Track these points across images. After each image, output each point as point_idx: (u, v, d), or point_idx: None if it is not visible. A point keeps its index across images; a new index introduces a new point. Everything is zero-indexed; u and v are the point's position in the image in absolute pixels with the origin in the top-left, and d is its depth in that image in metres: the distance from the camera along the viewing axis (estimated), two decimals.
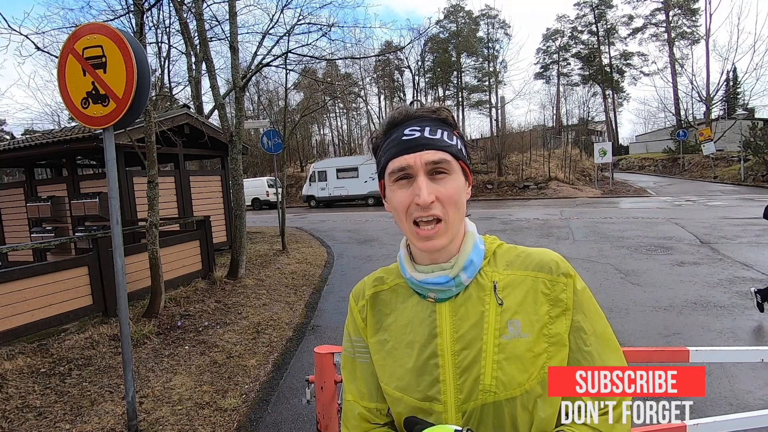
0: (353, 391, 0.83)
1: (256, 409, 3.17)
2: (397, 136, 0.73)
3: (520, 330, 0.71)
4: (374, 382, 0.81)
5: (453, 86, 39.74)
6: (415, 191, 0.69)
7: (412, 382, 0.74)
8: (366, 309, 0.83)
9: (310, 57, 9.51)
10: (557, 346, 0.71)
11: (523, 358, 0.70)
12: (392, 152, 0.72)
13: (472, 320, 0.72)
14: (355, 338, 0.85)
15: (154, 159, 4.88)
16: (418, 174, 0.70)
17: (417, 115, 0.74)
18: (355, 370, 0.84)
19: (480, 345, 0.71)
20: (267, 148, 9.01)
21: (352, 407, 0.83)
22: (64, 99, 2.72)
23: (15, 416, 3.05)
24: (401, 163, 0.71)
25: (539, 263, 0.75)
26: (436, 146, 0.71)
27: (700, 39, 33.01)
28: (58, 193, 8.05)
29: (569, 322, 0.73)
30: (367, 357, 0.82)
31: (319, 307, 5.53)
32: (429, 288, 0.74)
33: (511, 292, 0.73)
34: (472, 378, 0.70)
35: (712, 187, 19.36)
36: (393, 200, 0.73)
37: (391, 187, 0.73)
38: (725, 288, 5.16)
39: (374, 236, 10.55)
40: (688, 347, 1.35)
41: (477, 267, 0.75)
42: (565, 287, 0.73)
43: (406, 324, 0.77)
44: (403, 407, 0.75)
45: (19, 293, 4.27)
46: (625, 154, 36.81)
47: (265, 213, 20.74)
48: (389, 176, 0.73)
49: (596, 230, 9.59)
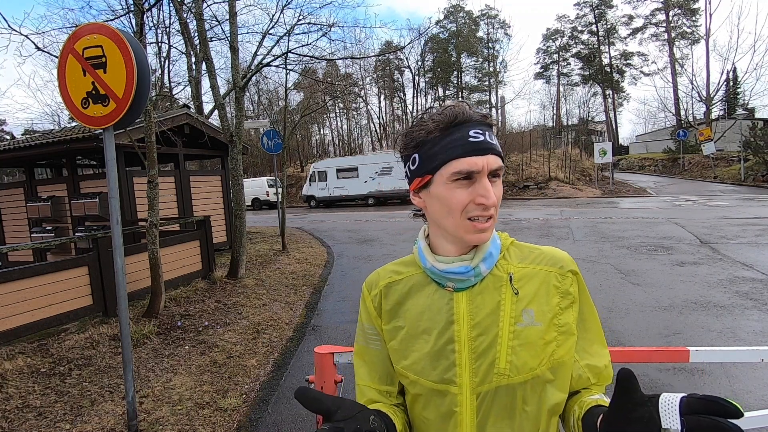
0: (364, 376, 0.87)
1: (256, 409, 3.17)
2: (462, 136, 0.73)
3: (534, 319, 0.76)
4: (385, 366, 0.85)
5: (453, 86, 39.77)
6: (479, 191, 0.73)
7: (428, 365, 0.78)
8: (379, 298, 0.86)
9: (310, 57, 9.50)
10: (566, 335, 0.77)
11: (535, 344, 0.74)
12: (457, 152, 0.72)
13: (489, 308, 0.77)
14: (368, 326, 0.88)
15: (154, 159, 4.88)
16: (482, 177, 0.73)
17: (477, 118, 0.75)
18: (366, 356, 0.88)
19: (496, 331, 0.75)
20: (267, 148, 9.01)
21: (363, 391, 0.87)
22: (64, 99, 2.72)
23: (15, 416, 3.05)
24: (469, 166, 0.72)
25: (551, 259, 0.81)
26: (496, 151, 0.74)
27: (700, 39, 33.05)
28: (58, 193, 8.05)
29: (576, 314, 0.79)
30: (379, 344, 0.86)
31: (319, 307, 5.53)
32: (449, 277, 0.78)
33: (525, 283, 0.78)
34: (487, 362, 0.75)
35: (712, 187, 19.36)
36: (450, 198, 0.74)
37: (447, 185, 0.74)
38: (725, 288, 5.16)
39: (374, 236, 10.55)
40: (688, 347, 1.34)
41: (495, 259, 0.79)
42: (572, 282, 0.80)
43: (422, 311, 0.81)
44: (419, 389, 0.79)
45: (19, 293, 4.27)
46: (625, 154, 36.81)
47: (265, 213, 20.74)
48: (451, 175, 0.73)
49: (596, 230, 9.59)
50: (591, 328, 0.82)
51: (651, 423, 0.56)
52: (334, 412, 0.66)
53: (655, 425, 0.55)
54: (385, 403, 0.85)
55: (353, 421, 0.65)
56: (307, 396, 0.66)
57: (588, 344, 0.81)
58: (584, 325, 0.81)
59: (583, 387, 0.80)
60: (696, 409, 0.53)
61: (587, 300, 0.82)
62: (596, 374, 0.80)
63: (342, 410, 0.66)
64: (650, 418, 0.56)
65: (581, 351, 0.80)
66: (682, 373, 3.25)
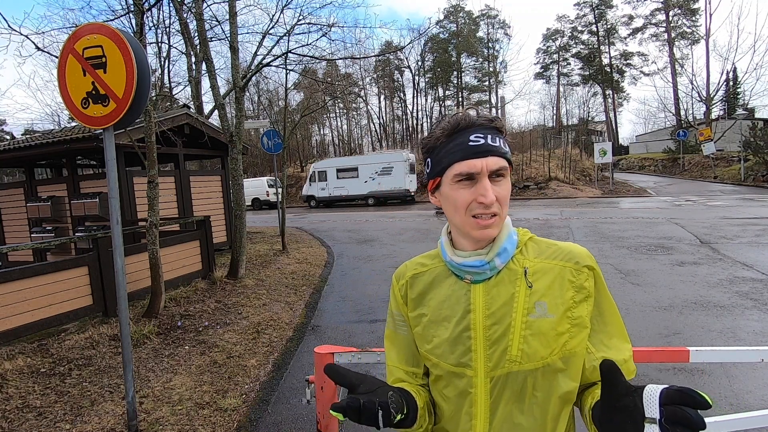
0: (393, 357, 0.96)
1: (256, 409, 3.17)
2: (463, 141, 0.80)
3: (546, 311, 0.80)
4: (410, 350, 0.94)
5: (453, 86, 39.77)
6: (479, 191, 0.79)
7: (447, 350, 0.84)
8: (405, 288, 0.94)
9: (310, 57, 9.50)
10: (578, 327, 0.81)
11: (547, 335, 0.79)
12: (458, 155, 0.80)
13: (503, 299, 0.82)
14: (396, 312, 0.97)
15: (154, 159, 4.88)
16: (483, 177, 0.79)
17: (479, 123, 0.82)
18: (395, 340, 0.97)
19: (509, 321, 0.81)
20: (267, 148, 9.01)
21: (392, 371, 0.96)
22: (64, 99, 2.72)
23: (15, 416, 3.05)
24: (469, 168, 0.79)
25: (568, 254, 0.85)
26: (497, 153, 0.80)
27: (700, 39, 33.03)
28: (58, 193, 8.05)
29: (590, 308, 0.83)
30: (406, 329, 0.94)
31: (319, 307, 5.53)
32: (466, 270, 0.84)
33: (540, 277, 0.83)
34: (500, 349, 0.80)
35: (712, 187, 19.35)
36: (455, 197, 0.81)
37: (452, 186, 0.82)
38: (725, 288, 5.16)
39: (374, 236, 10.55)
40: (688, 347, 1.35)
41: (510, 254, 0.84)
42: (588, 277, 0.83)
43: (443, 301, 0.88)
44: (440, 370, 0.87)
45: (19, 293, 4.27)
46: (625, 154, 36.80)
47: (265, 213, 20.73)
48: (453, 177, 0.81)
49: (596, 230, 9.59)
50: (610, 322, 0.85)
51: (635, 412, 0.61)
52: (357, 386, 0.74)
53: (639, 414, 0.61)
54: (411, 383, 0.92)
55: (373, 394, 0.73)
56: (334, 370, 0.76)
57: (606, 338, 0.84)
58: (602, 319, 0.84)
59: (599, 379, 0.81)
60: (674, 399, 0.58)
61: (606, 295, 0.85)
62: None
63: (364, 385, 0.75)
64: (635, 407, 0.62)
65: (599, 344, 0.83)
66: (682, 373, 3.24)
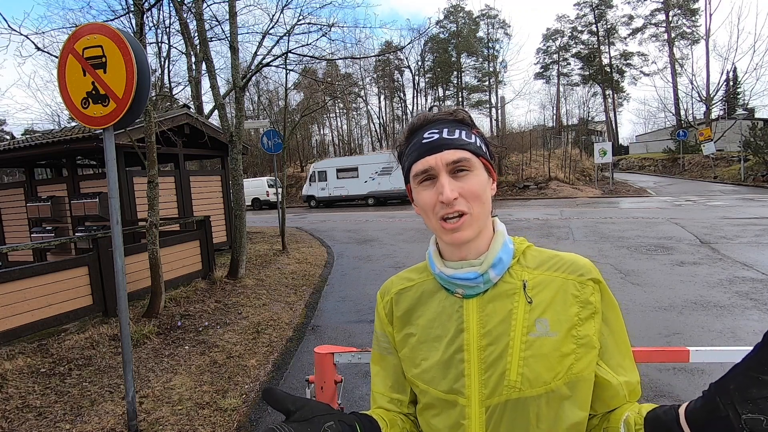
0: (378, 383, 0.87)
1: (256, 409, 3.17)
2: (418, 140, 0.76)
3: (549, 328, 0.71)
4: (396, 375, 0.84)
5: (453, 86, 39.76)
6: (438, 189, 0.72)
7: (437, 375, 0.76)
8: (390, 305, 0.86)
9: (310, 57, 9.50)
10: (586, 348, 0.71)
11: (550, 356, 0.70)
12: (414, 156, 0.75)
13: (500, 317, 0.73)
14: (380, 333, 0.88)
15: (154, 159, 4.88)
16: (440, 173, 0.72)
17: (435, 118, 0.77)
18: (381, 364, 0.88)
19: (507, 341, 0.72)
20: (267, 148, 9.01)
21: (375, 398, 0.87)
22: (64, 99, 2.72)
23: (15, 416, 3.05)
24: (423, 165, 0.74)
25: (571, 266, 0.77)
26: (454, 145, 0.73)
27: (700, 39, 33.03)
28: (58, 193, 8.05)
29: (598, 326, 0.73)
30: (390, 350, 0.85)
31: (319, 307, 5.53)
32: (457, 284, 0.76)
33: (540, 291, 0.74)
34: (497, 373, 0.71)
35: (712, 187, 19.35)
36: (420, 200, 0.76)
37: (416, 189, 0.76)
38: (725, 288, 5.16)
39: (374, 236, 10.55)
40: (688, 347, 1.34)
41: (506, 265, 0.76)
42: (593, 291, 0.74)
43: (432, 319, 0.79)
44: (429, 398, 0.77)
45: (19, 293, 4.27)
46: (625, 154, 36.80)
47: (265, 213, 20.74)
48: (414, 179, 0.76)
49: (596, 230, 9.59)
50: (622, 341, 0.76)
51: None
52: (293, 412, 0.64)
53: None
54: (394, 411, 0.83)
55: (306, 424, 0.63)
56: (271, 395, 0.65)
57: (621, 359, 0.75)
58: (615, 338, 0.75)
59: (619, 405, 0.74)
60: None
61: (615, 311, 0.76)
62: (630, 391, 0.74)
63: (301, 412, 0.64)
64: None
65: (617, 367, 0.74)
66: (682, 373, 3.25)
